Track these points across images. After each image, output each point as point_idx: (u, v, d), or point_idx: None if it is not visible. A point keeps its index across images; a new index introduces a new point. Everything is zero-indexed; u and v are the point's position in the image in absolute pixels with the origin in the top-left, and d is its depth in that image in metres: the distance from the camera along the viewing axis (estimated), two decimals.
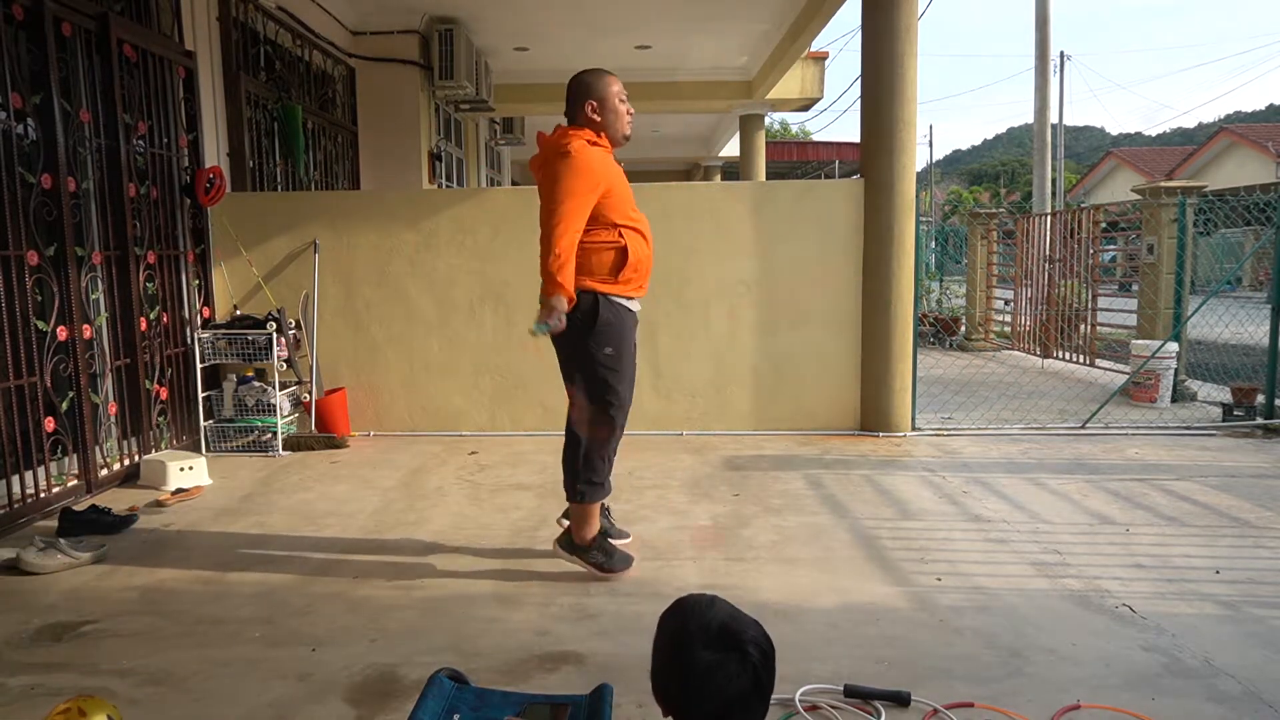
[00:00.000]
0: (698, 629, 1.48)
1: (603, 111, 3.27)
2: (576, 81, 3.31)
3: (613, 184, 3.22)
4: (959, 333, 10.98)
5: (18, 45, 4.16)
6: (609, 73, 3.34)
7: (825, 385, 5.87)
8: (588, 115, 3.27)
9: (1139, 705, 2.36)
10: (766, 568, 3.45)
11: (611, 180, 3.22)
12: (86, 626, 2.97)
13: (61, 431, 4.41)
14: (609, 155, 3.30)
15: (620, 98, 3.29)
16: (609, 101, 3.27)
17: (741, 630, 1.48)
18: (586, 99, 3.26)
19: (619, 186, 3.25)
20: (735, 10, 8.57)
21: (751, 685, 1.44)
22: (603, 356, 3.23)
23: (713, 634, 1.46)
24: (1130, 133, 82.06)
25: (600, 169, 3.17)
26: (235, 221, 5.82)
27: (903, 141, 5.61)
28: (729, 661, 1.43)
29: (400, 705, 2.40)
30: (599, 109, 3.26)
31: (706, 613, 1.51)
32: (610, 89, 3.28)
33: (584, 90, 3.28)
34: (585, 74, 3.32)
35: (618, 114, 3.29)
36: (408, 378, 5.99)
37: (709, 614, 1.51)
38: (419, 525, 4.06)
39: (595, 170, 3.15)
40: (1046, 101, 16.81)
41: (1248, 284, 16.65)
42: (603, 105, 3.27)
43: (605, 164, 3.23)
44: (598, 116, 3.27)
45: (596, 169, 3.15)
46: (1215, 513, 4.06)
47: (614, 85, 3.30)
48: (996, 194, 42.92)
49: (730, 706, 1.44)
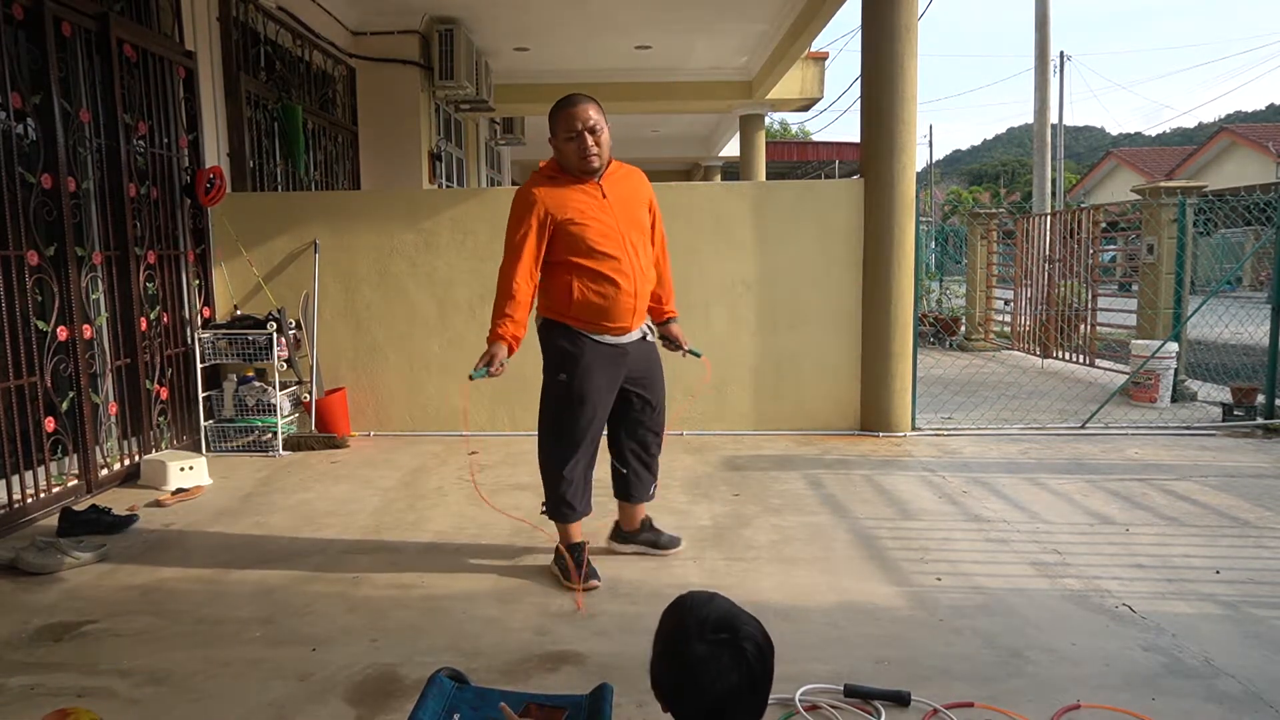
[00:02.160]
0: (695, 623, 1.49)
1: (555, 145, 3.17)
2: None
3: (562, 217, 3.11)
4: (959, 333, 10.98)
5: (18, 45, 4.16)
6: (571, 102, 3.14)
7: (825, 385, 5.87)
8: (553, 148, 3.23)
9: (1139, 705, 2.36)
10: (766, 568, 3.45)
11: (560, 213, 3.11)
12: (86, 626, 2.97)
13: (62, 431, 4.41)
14: (565, 186, 3.17)
15: (568, 133, 3.09)
16: (557, 136, 3.14)
17: (738, 626, 1.49)
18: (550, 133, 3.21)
19: (576, 220, 3.11)
20: (735, 10, 8.57)
21: (745, 681, 1.45)
22: (554, 383, 3.26)
23: (709, 629, 1.48)
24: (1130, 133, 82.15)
25: (531, 204, 3.12)
26: (235, 221, 5.82)
27: (903, 141, 5.61)
28: (723, 656, 1.44)
29: (400, 705, 2.40)
30: (553, 142, 3.18)
31: (705, 608, 1.53)
32: (559, 123, 3.12)
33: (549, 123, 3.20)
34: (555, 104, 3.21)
35: (564, 149, 3.14)
36: (408, 378, 5.99)
37: (707, 609, 1.52)
38: (419, 525, 4.06)
39: (522, 207, 3.14)
40: (1046, 101, 16.82)
41: (1248, 284, 16.66)
42: (554, 139, 3.16)
43: (550, 197, 3.14)
44: (554, 150, 3.21)
45: (524, 205, 3.14)
46: (1215, 513, 4.06)
47: (564, 118, 3.11)
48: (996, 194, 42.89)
49: (723, 702, 1.44)
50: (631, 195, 3.27)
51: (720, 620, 1.49)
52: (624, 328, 3.25)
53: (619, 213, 3.20)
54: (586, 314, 3.19)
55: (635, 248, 3.22)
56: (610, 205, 3.19)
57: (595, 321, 3.20)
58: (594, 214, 3.16)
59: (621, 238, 3.18)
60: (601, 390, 3.26)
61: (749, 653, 1.46)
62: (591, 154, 3.11)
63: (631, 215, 3.23)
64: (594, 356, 3.21)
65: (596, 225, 3.15)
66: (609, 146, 3.20)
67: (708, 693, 1.44)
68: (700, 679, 1.44)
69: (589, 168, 3.15)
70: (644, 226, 3.31)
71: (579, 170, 3.17)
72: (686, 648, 1.47)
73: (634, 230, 3.24)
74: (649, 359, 3.40)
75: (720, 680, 1.44)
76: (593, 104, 3.16)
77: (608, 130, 3.18)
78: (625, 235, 3.19)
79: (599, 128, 3.12)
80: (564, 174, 3.21)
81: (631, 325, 3.27)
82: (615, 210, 3.19)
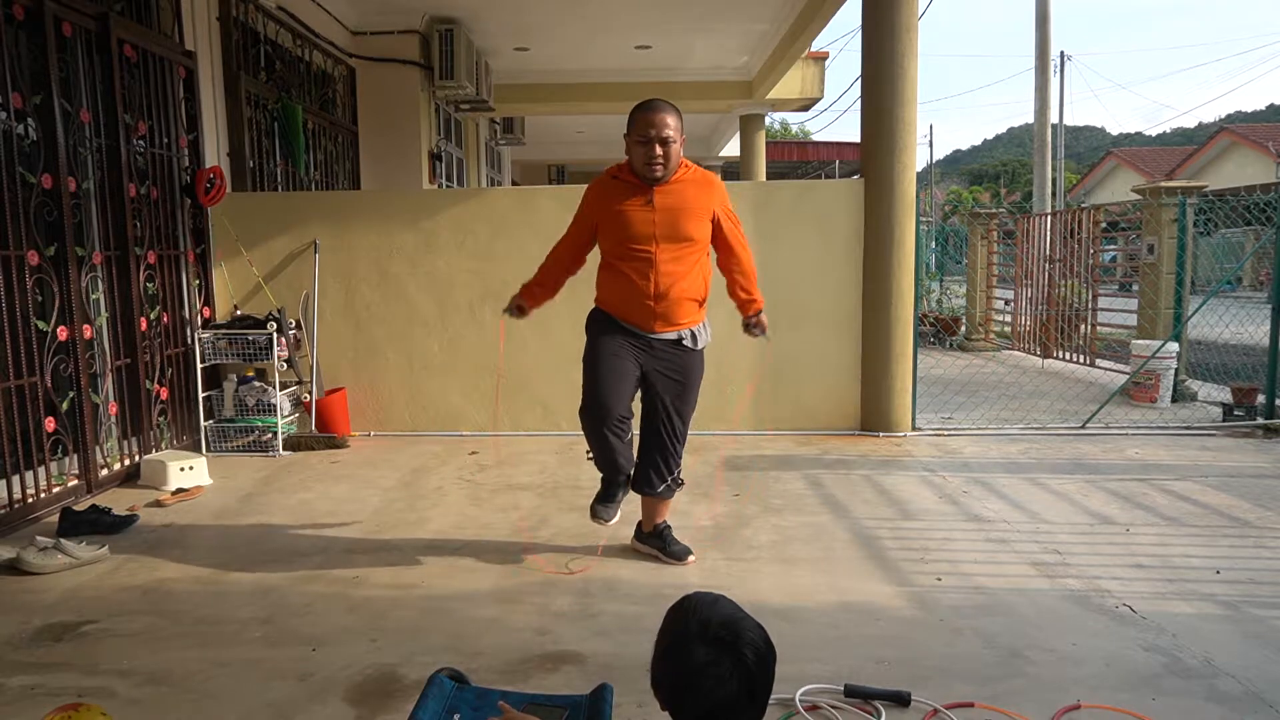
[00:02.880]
0: (697, 626, 1.48)
1: (628, 144, 3.28)
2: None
3: (605, 217, 3.30)
4: (959, 333, 10.97)
5: (18, 45, 4.16)
6: (652, 108, 3.22)
7: (825, 385, 5.87)
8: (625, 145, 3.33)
9: (1139, 705, 2.36)
10: (766, 568, 3.45)
11: (603, 214, 3.31)
12: (86, 626, 2.97)
13: (62, 431, 4.41)
14: (619, 188, 3.29)
15: (640, 136, 3.19)
16: (630, 136, 3.25)
17: (740, 632, 1.47)
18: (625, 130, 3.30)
19: (613, 222, 3.27)
20: (735, 10, 8.57)
21: (744, 689, 1.43)
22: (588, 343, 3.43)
23: (710, 632, 1.46)
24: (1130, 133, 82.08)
25: (586, 199, 3.41)
26: (235, 221, 5.82)
27: (903, 141, 5.61)
28: (722, 662, 1.43)
29: (400, 705, 2.40)
30: (626, 139, 3.29)
31: (708, 611, 1.51)
32: (635, 125, 3.22)
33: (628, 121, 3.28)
34: (638, 105, 3.29)
35: (633, 150, 3.25)
36: (408, 378, 5.99)
37: (710, 612, 1.51)
38: (419, 525, 4.06)
39: (583, 204, 3.42)
40: (1046, 101, 16.82)
41: (1248, 284, 16.66)
42: (628, 137, 3.27)
43: (598, 197, 3.35)
44: (626, 148, 3.31)
45: (584, 199, 3.43)
46: (1215, 513, 4.06)
47: (640, 122, 3.20)
48: (996, 194, 42.90)
49: (720, 706, 1.43)
50: (684, 205, 3.27)
51: (722, 624, 1.48)
52: (645, 327, 3.31)
53: (661, 221, 3.24)
54: (610, 303, 3.39)
55: (667, 257, 3.24)
56: (654, 212, 3.24)
57: (617, 312, 3.36)
58: (632, 218, 3.25)
59: (653, 244, 3.23)
60: (617, 348, 3.31)
61: (749, 660, 1.44)
62: (656, 163, 3.19)
63: (675, 225, 3.26)
64: (615, 326, 3.35)
65: (630, 229, 3.25)
66: (678, 157, 3.25)
67: (706, 698, 1.43)
68: (699, 684, 1.43)
69: (651, 175, 3.23)
70: (690, 238, 3.28)
71: (641, 175, 3.26)
72: (687, 651, 1.45)
73: (671, 239, 3.25)
74: (681, 366, 3.39)
75: (719, 688, 1.42)
76: (673, 114, 3.23)
77: (680, 142, 3.23)
78: (658, 243, 3.24)
79: (671, 140, 3.19)
80: (627, 175, 3.31)
81: (654, 328, 3.31)
82: (658, 218, 3.24)
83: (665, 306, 3.28)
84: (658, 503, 3.56)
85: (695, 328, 3.39)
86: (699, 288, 3.36)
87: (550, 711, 1.81)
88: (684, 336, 3.36)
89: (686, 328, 3.36)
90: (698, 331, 3.40)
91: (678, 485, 3.56)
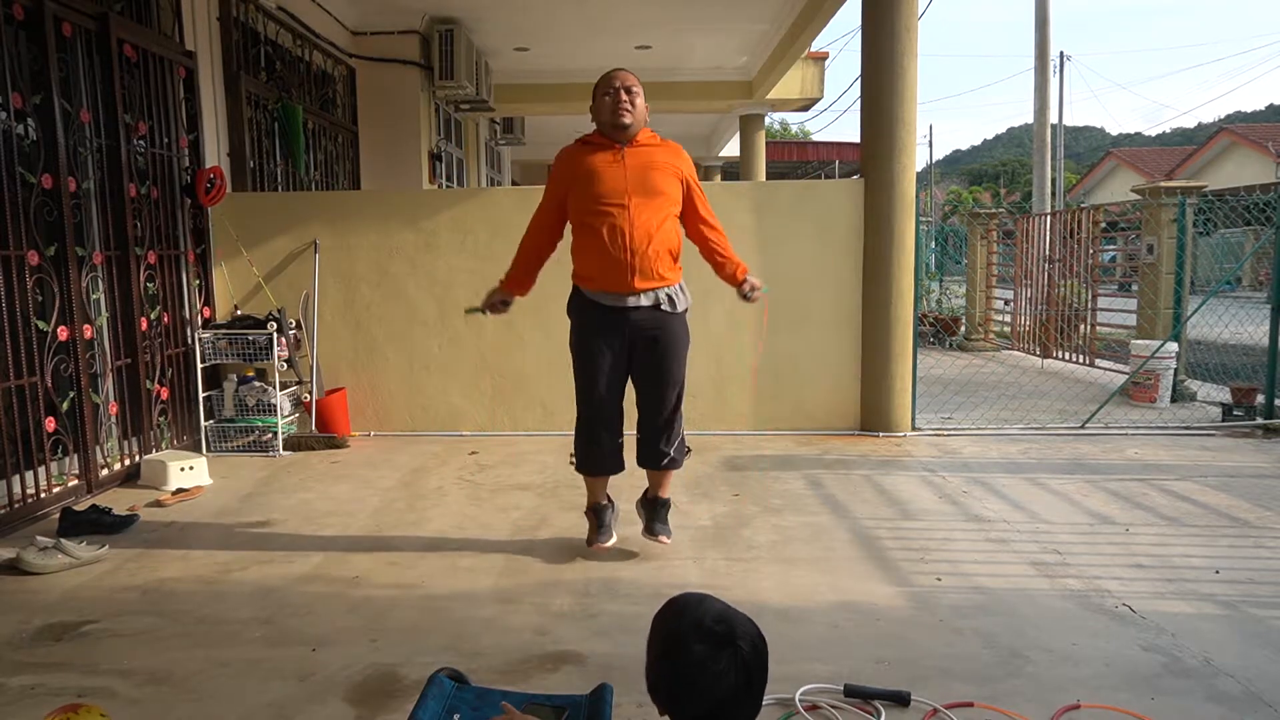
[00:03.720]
0: (690, 625, 1.49)
1: (593, 108, 3.38)
2: None
3: (576, 178, 3.33)
4: (959, 333, 10.97)
5: (18, 45, 4.16)
6: (613, 69, 3.36)
7: (825, 385, 5.87)
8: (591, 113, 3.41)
9: (1139, 705, 2.36)
10: (766, 568, 3.45)
11: (574, 176, 3.33)
12: (86, 626, 2.97)
13: (62, 431, 4.41)
14: (589, 150, 3.35)
15: (605, 90, 3.29)
16: (595, 96, 3.36)
17: (734, 626, 1.49)
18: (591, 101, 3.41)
19: (585, 179, 3.30)
20: (735, 10, 8.57)
21: (743, 680, 1.46)
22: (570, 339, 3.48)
23: (705, 629, 1.48)
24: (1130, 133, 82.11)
25: (556, 166, 3.43)
26: (235, 221, 5.82)
27: (903, 141, 5.61)
28: (721, 656, 1.45)
29: (400, 705, 2.40)
30: (592, 107, 3.39)
31: (699, 609, 1.53)
32: (599, 85, 3.33)
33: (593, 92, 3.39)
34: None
35: (599, 106, 3.33)
36: (408, 378, 5.99)
37: (701, 610, 1.52)
38: (419, 525, 4.06)
39: (552, 175, 3.44)
40: (1046, 101, 16.82)
41: (1248, 284, 16.65)
42: (593, 102, 3.37)
43: (567, 163, 3.38)
44: (592, 115, 3.40)
45: (552, 169, 3.45)
46: (1215, 513, 4.06)
47: (604, 79, 3.33)
48: (996, 194, 42.89)
49: (722, 702, 1.45)
50: (654, 162, 3.34)
51: (715, 621, 1.50)
52: (622, 286, 3.29)
53: (631, 176, 3.29)
54: (585, 269, 3.37)
55: (641, 208, 3.27)
56: (625, 168, 3.30)
57: (592, 277, 3.34)
58: (603, 174, 3.29)
59: (626, 197, 3.27)
60: (600, 352, 3.36)
61: (745, 652, 1.46)
62: (623, 108, 3.26)
63: (646, 179, 3.30)
64: (591, 317, 3.37)
65: (602, 184, 3.28)
66: (643, 113, 3.34)
67: (707, 694, 1.45)
68: (699, 680, 1.45)
69: (619, 122, 3.28)
70: (662, 192, 3.32)
71: (610, 126, 3.30)
72: (683, 649, 1.47)
73: (644, 192, 3.29)
74: (663, 329, 3.39)
75: (719, 681, 1.44)
76: (632, 75, 3.36)
77: (643, 100, 3.33)
78: (631, 195, 3.27)
79: (635, 90, 3.30)
80: (596, 138, 3.37)
81: (632, 285, 3.29)
82: (629, 173, 3.29)
83: (642, 260, 3.28)
84: (661, 475, 3.62)
85: (672, 289, 3.39)
86: (673, 240, 3.38)
87: (550, 711, 1.82)
88: (662, 300, 3.36)
89: (664, 286, 3.35)
90: (674, 294, 3.40)
91: (683, 455, 3.62)
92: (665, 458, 3.53)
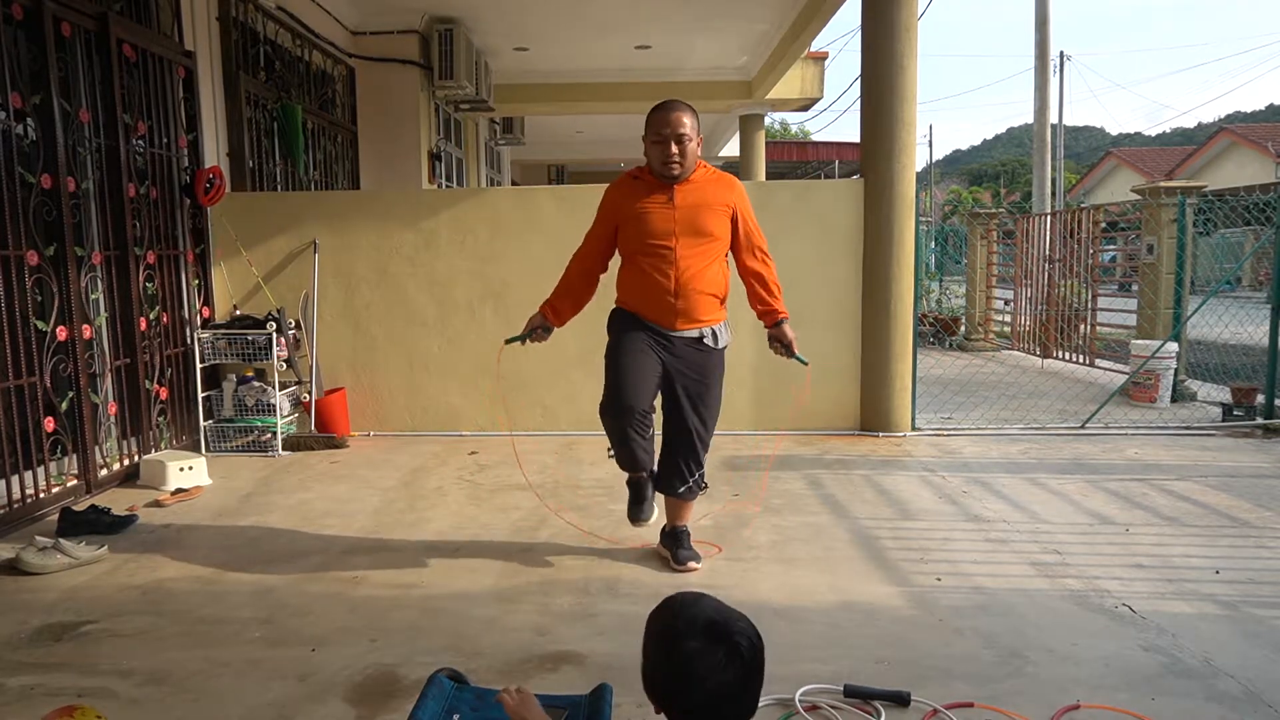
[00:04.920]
0: (686, 623, 1.50)
1: (645, 145, 3.33)
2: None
3: (625, 217, 3.34)
4: (959, 333, 10.98)
5: (17, 45, 4.15)
6: (667, 107, 3.27)
7: (825, 385, 5.86)
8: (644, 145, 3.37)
9: (1139, 705, 2.36)
10: (766, 568, 3.45)
11: (624, 214, 3.35)
12: (86, 626, 2.97)
13: (61, 431, 4.41)
14: (640, 188, 3.34)
15: (655, 136, 3.24)
16: (646, 136, 3.30)
17: (729, 623, 1.50)
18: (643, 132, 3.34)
19: (634, 219, 3.30)
20: (735, 10, 8.57)
21: (740, 676, 1.46)
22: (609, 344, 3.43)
23: (700, 627, 1.48)
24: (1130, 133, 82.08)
25: (605, 202, 3.44)
26: (235, 221, 5.82)
27: (903, 141, 5.60)
28: (718, 653, 1.45)
29: (400, 705, 2.39)
30: (644, 140, 3.33)
31: (694, 607, 1.54)
32: (650, 125, 3.27)
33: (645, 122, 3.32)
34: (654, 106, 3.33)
35: (650, 150, 3.30)
36: (408, 378, 5.99)
37: (696, 609, 1.53)
38: (419, 525, 4.06)
39: (603, 206, 3.45)
40: (1046, 101, 16.82)
41: (1248, 284, 16.65)
42: (645, 138, 3.32)
43: (618, 197, 3.39)
44: (644, 149, 3.36)
45: (602, 202, 3.46)
46: (1215, 513, 4.05)
47: (655, 121, 3.25)
48: (996, 194, 42.90)
49: (719, 698, 1.45)
50: (703, 202, 3.31)
51: (711, 618, 1.50)
52: (666, 324, 3.32)
53: (681, 218, 3.28)
54: (631, 303, 3.40)
55: (688, 251, 3.27)
56: (673, 209, 3.28)
57: (636, 310, 3.37)
58: (652, 214, 3.29)
59: (673, 239, 3.26)
60: (639, 344, 3.31)
61: (743, 648, 1.47)
62: (673, 161, 3.23)
63: (695, 220, 3.29)
64: (634, 321, 3.36)
65: (650, 225, 3.28)
66: (695, 156, 3.29)
67: (703, 690, 1.45)
68: (696, 677, 1.45)
69: (668, 173, 3.28)
70: (710, 233, 3.31)
71: (659, 174, 3.30)
72: (680, 647, 1.47)
73: (692, 234, 3.28)
74: (701, 365, 3.39)
75: (715, 677, 1.45)
76: (688, 113, 3.27)
77: (697, 141, 3.28)
78: (679, 238, 3.27)
79: (687, 138, 3.23)
80: (647, 175, 3.37)
81: (675, 325, 3.31)
82: (677, 214, 3.28)
83: (686, 302, 3.29)
84: (679, 504, 3.55)
85: (716, 326, 3.39)
86: (719, 284, 3.37)
87: (550, 711, 1.82)
88: (705, 335, 3.36)
89: (708, 325, 3.36)
90: (718, 330, 3.41)
91: (700, 488, 3.55)
92: (684, 485, 3.49)
